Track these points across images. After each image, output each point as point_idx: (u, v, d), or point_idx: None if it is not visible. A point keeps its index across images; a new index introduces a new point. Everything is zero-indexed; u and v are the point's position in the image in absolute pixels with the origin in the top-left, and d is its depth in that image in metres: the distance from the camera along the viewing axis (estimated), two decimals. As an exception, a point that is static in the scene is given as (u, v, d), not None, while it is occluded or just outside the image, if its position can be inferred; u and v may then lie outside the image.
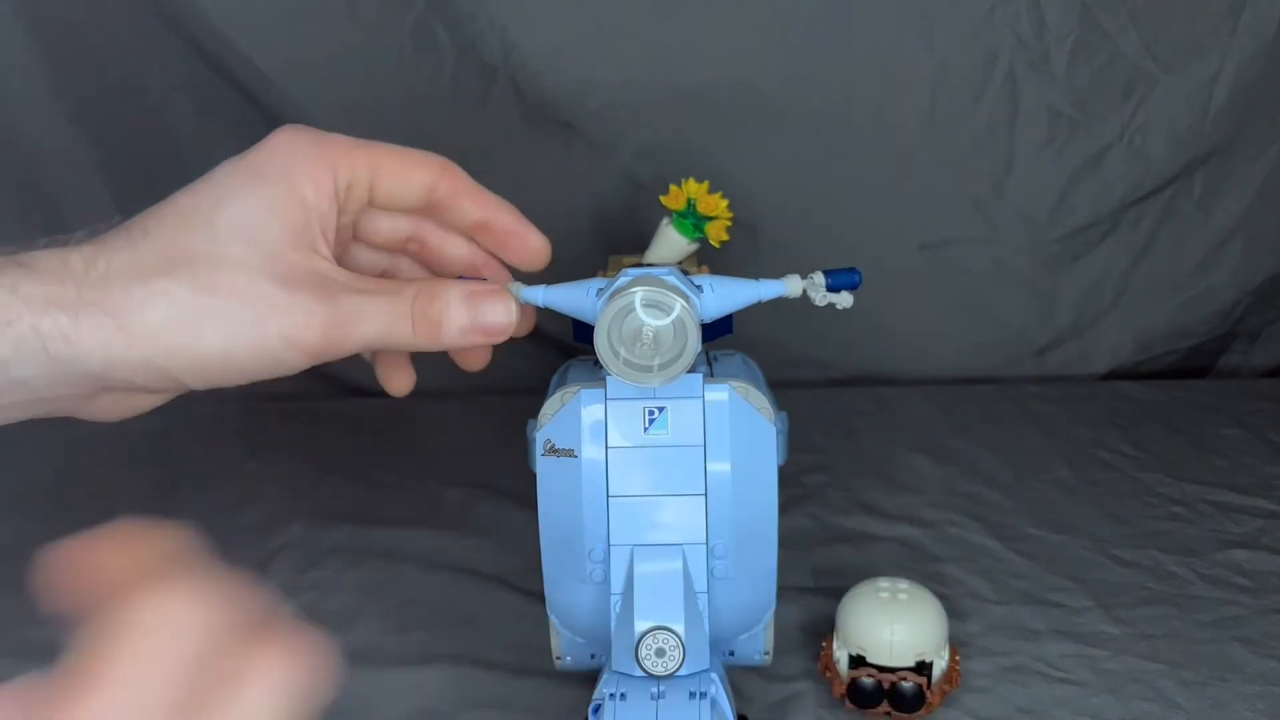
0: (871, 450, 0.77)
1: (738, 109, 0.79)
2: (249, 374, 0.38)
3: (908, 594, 0.50)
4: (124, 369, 0.36)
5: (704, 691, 0.43)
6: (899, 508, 0.69)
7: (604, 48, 0.78)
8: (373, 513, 0.70)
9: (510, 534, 0.67)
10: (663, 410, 0.45)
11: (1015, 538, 0.65)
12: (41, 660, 0.53)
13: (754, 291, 0.45)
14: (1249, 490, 0.70)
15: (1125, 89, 0.80)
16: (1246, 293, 0.87)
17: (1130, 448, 0.76)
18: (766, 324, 0.81)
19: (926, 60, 0.79)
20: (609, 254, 0.54)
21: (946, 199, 0.83)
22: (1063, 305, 0.87)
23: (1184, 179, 0.83)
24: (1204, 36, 0.78)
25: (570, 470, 0.46)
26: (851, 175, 0.82)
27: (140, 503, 0.73)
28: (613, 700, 0.43)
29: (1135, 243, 0.85)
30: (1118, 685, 0.52)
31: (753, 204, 0.80)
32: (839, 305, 0.45)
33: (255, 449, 0.79)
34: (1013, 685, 0.53)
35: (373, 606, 0.60)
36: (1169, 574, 0.62)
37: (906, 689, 0.49)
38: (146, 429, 0.85)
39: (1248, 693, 0.52)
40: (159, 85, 0.79)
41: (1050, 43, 0.78)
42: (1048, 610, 0.58)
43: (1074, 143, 0.81)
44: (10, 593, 0.62)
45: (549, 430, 0.46)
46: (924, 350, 0.88)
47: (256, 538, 0.67)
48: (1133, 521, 0.67)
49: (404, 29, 0.77)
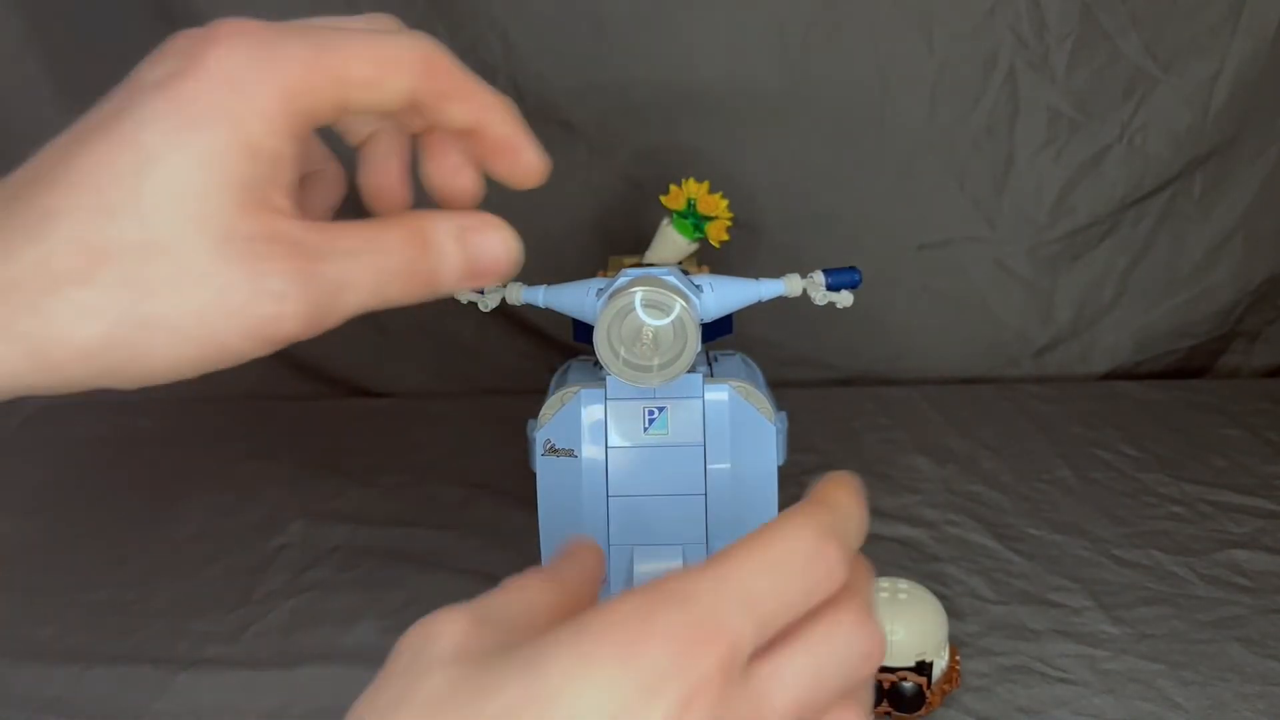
0: (871, 450, 0.77)
1: (738, 109, 0.79)
2: (207, 370, 0.30)
3: (908, 594, 0.50)
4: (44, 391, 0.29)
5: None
6: (899, 508, 0.69)
7: (604, 48, 0.78)
8: (373, 513, 0.70)
9: (510, 534, 0.66)
10: (663, 410, 0.45)
11: (1015, 538, 0.65)
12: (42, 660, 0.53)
13: (754, 291, 0.45)
14: (1249, 490, 0.70)
15: (1125, 89, 0.80)
16: (1246, 293, 0.87)
17: (1130, 448, 0.76)
18: (766, 324, 0.81)
19: (926, 60, 0.79)
20: (609, 254, 0.54)
21: (946, 199, 0.83)
22: (1062, 305, 0.87)
23: (1184, 179, 0.83)
24: (1204, 36, 0.78)
25: (570, 470, 0.46)
26: (851, 175, 0.82)
27: (140, 503, 0.73)
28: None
29: (1135, 243, 0.85)
30: (1118, 685, 0.52)
31: (753, 204, 0.80)
32: (839, 304, 0.45)
33: (255, 449, 0.79)
34: (1013, 685, 0.52)
35: (373, 606, 0.60)
36: (1169, 574, 0.62)
37: (907, 689, 0.49)
38: (147, 429, 0.86)
39: (1248, 693, 0.52)
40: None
41: (1050, 43, 0.78)
42: (1048, 610, 0.58)
43: (1074, 143, 0.81)
44: (10, 593, 0.62)
45: (549, 430, 0.46)
46: (924, 350, 0.88)
47: (256, 538, 0.67)
48: (1132, 521, 0.67)
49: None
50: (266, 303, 0.28)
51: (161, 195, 0.27)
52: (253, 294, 0.28)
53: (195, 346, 0.28)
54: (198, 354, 0.29)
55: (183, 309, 0.28)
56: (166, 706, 0.53)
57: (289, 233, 0.29)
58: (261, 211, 0.29)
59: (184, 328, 0.28)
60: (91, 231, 0.27)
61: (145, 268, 0.27)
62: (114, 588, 0.63)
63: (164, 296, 0.27)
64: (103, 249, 0.27)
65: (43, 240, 0.27)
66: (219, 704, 0.53)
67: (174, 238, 0.27)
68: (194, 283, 0.28)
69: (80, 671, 0.55)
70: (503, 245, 0.32)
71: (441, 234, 0.32)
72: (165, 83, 0.28)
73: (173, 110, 0.28)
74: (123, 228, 0.27)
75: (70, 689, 0.54)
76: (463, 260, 0.32)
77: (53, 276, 0.27)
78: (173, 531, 0.69)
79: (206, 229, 0.28)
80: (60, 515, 0.71)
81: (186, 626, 0.59)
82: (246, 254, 0.28)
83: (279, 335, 0.29)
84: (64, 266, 0.27)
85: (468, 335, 0.87)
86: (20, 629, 0.59)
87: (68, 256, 0.27)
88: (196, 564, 0.65)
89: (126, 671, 0.55)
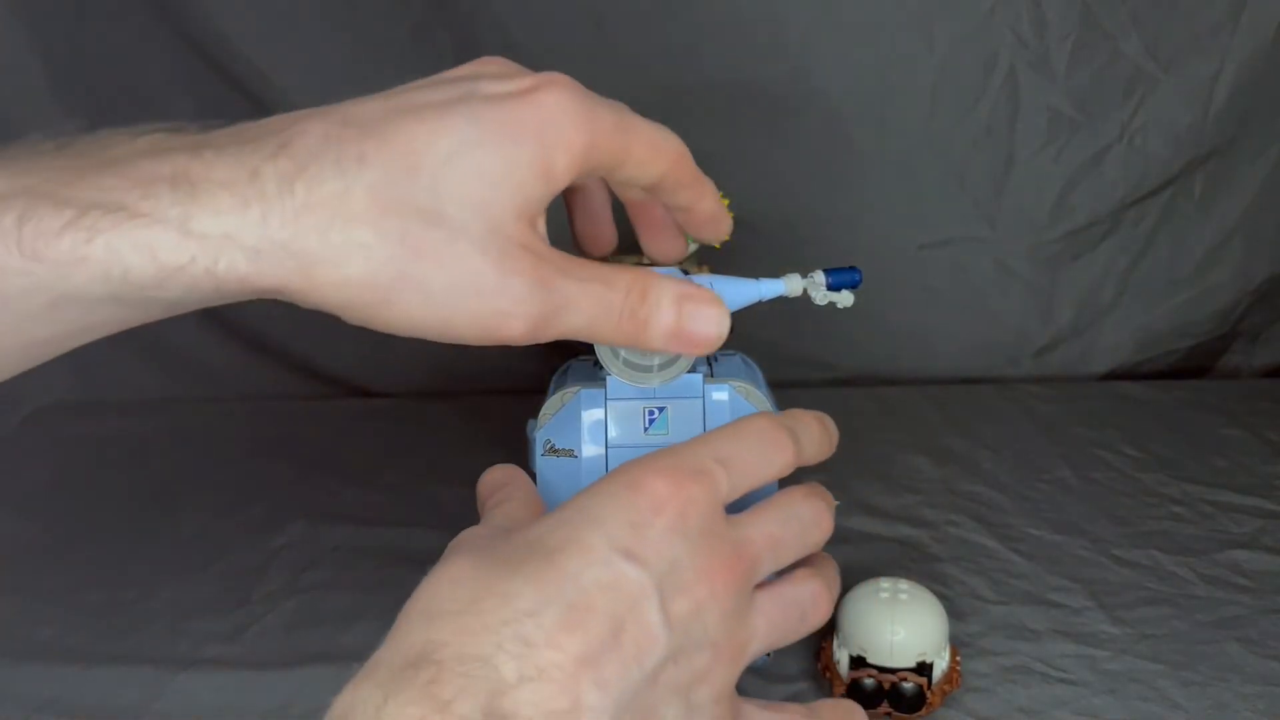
0: (871, 450, 0.77)
1: (738, 109, 0.79)
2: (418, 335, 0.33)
3: (908, 594, 0.50)
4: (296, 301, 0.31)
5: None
6: (899, 508, 0.69)
7: (604, 47, 0.78)
8: (373, 513, 0.70)
9: (510, 534, 0.67)
10: (663, 410, 0.45)
11: (1015, 538, 0.65)
12: (42, 660, 0.53)
13: (754, 291, 0.45)
14: (1249, 490, 0.70)
15: (1125, 89, 0.80)
16: (1246, 293, 0.87)
17: (1130, 448, 0.76)
18: (766, 324, 0.81)
19: (926, 60, 0.79)
20: (609, 254, 0.54)
21: (946, 199, 0.83)
22: (1063, 305, 0.87)
23: (1184, 179, 0.83)
24: (1204, 36, 0.78)
25: (570, 470, 0.46)
26: (851, 175, 0.82)
27: (140, 503, 0.73)
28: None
29: (1135, 243, 0.85)
30: (1118, 685, 0.52)
31: (753, 204, 0.80)
32: (839, 304, 0.45)
33: (255, 449, 0.79)
34: (1013, 685, 0.52)
35: (373, 606, 0.60)
36: (1169, 574, 0.61)
37: (907, 689, 0.49)
38: (147, 429, 0.86)
39: (1248, 693, 0.52)
40: (159, 85, 0.79)
41: (1050, 43, 0.78)
42: (1048, 610, 0.58)
43: (1074, 143, 0.81)
44: (10, 593, 0.62)
45: (549, 430, 0.46)
46: (924, 350, 0.88)
47: (256, 538, 0.67)
48: (1133, 521, 0.67)
49: (404, 29, 0.77)
50: (505, 300, 0.32)
51: (461, 178, 0.31)
52: (498, 287, 0.31)
53: (433, 314, 0.31)
54: (432, 322, 0.32)
55: (438, 277, 0.31)
56: (166, 706, 0.53)
57: (542, 250, 0.33)
58: (530, 226, 0.33)
59: (432, 294, 0.31)
60: (391, 186, 0.30)
61: (423, 231, 0.30)
62: (114, 588, 0.63)
63: (428, 260, 0.30)
64: (395, 203, 0.30)
65: (348, 179, 0.30)
66: (219, 704, 0.53)
67: (456, 216, 0.31)
68: (456, 259, 0.31)
69: (80, 671, 0.55)
70: (714, 322, 0.36)
71: (663, 293, 0.35)
72: (502, 100, 0.32)
73: (501, 121, 0.32)
74: (418, 192, 0.30)
75: (70, 689, 0.54)
76: (675, 322, 0.36)
77: (346, 211, 0.30)
78: (173, 531, 0.69)
79: (485, 219, 0.31)
80: (60, 515, 0.71)
81: (186, 626, 0.59)
82: (506, 252, 0.31)
83: (502, 332, 0.32)
84: (358, 206, 0.30)
85: (468, 335, 0.87)
86: (20, 629, 0.59)
87: (363, 199, 0.30)
88: (196, 564, 0.65)
89: (126, 671, 0.55)
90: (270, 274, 0.29)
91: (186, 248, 0.29)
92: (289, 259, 0.29)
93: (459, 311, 0.31)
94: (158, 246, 0.28)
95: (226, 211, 0.29)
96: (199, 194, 0.29)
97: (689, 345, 0.36)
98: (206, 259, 0.29)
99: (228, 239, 0.29)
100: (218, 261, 0.29)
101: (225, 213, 0.29)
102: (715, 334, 0.36)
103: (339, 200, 0.30)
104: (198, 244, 0.29)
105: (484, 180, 0.31)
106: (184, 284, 0.29)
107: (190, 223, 0.29)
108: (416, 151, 0.31)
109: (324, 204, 0.30)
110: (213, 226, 0.29)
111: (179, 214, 0.29)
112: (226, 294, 0.30)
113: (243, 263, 0.29)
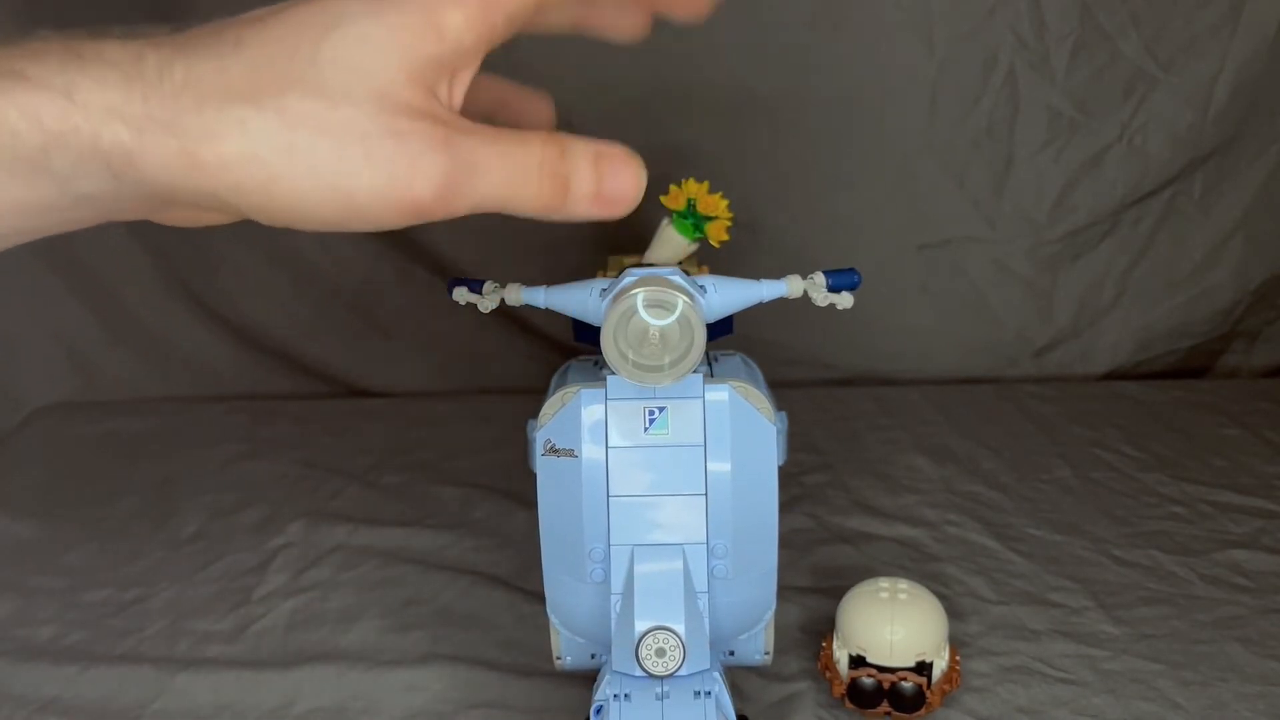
0: (871, 450, 0.77)
1: (738, 109, 0.79)
2: (329, 225, 0.32)
3: (908, 594, 0.50)
4: (187, 196, 0.31)
5: (708, 690, 0.43)
6: (899, 508, 0.69)
7: (604, 48, 0.77)
8: (373, 513, 0.70)
9: (510, 534, 0.67)
10: (663, 410, 0.45)
11: (1015, 538, 0.65)
12: (42, 660, 0.53)
13: (755, 292, 0.45)
14: (1249, 490, 0.70)
15: (1125, 89, 0.80)
16: (1246, 293, 0.87)
17: (1130, 448, 0.76)
18: (766, 324, 0.81)
19: (926, 61, 0.79)
20: (609, 254, 0.54)
21: (946, 199, 0.83)
22: (1062, 305, 0.87)
23: (1184, 179, 0.83)
24: (1204, 36, 0.78)
25: (570, 470, 0.46)
26: (851, 175, 0.82)
27: (140, 503, 0.73)
28: (617, 701, 0.43)
29: (1135, 243, 0.85)
30: (1118, 685, 0.52)
31: (753, 204, 0.80)
32: (839, 305, 0.45)
33: (255, 449, 0.79)
34: (1013, 685, 0.53)
35: (373, 606, 0.60)
36: (1169, 574, 0.62)
37: (906, 689, 0.49)
38: (147, 429, 0.86)
39: (1248, 693, 0.52)
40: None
41: (1050, 43, 0.78)
42: (1048, 610, 0.58)
43: (1074, 143, 0.81)
44: (10, 593, 0.62)
45: (549, 430, 0.46)
46: (924, 350, 0.89)
47: (256, 538, 0.67)
48: (1133, 521, 0.67)
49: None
50: (401, 164, 0.30)
51: (341, 48, 0.30)
52: (391, 152, 0.30)
53: (327, 189, 0.30)
54: (329, 199, 0.30)
55: (322, 145, 0.30)
56: (166, 706, 0.53)
57: (442, 114, 0.31)
58: (428, 91, 0.31)
59: (320, 165, 0.30)
60: (267, 63, 0.30)
61: (303, 102, 0.30)
62: (114, 588, 0.63)
63: (310, 130, 0.30)
64: (272, 78, 0.30)
65: (223, 59, 0.30)
66: (219, 704, 0.53)
67: (338, 85, 0.30)
68: (340, 125, 0.30)
69: (80, 671, 0.55)
70: (634, 178, 0.33)
71: (579, 149, 0.33)
72: None
73: None
74: (296, 67, 0.30)
75: (70, 689, 0.54)
76: (595, 180, 0.33)
77: (222, 89, 0.29)
78: (173, 531, 0.69)
79: (369, 84, 0.30)
80: (60, 515, 0.71)
81: (186, 626, 0.59)
82: (398, 115, 0.30)
83: (409, 200, 0.31)
84: (234, 84, 0.29)
85: (468, 335, 0.87)
86: (20, 629, 0.59)
87: (240, 76, 0.30)
88: (196, 564, 0.65)
89: (126, 671, 0.55)
90: (154, 154, 0.29)
91: (70, 115, 0.29)
92: (171, 139, 0.29)
93: (355, 183, 0.30)
94: (42, 111, 0.29)
95: (111, 86, 0.29)
96: (87, 66, 0.29)
97: (608, 206, 0.34)
98: (89, 129, 0.29)
99: (111, 112, 0.29)
100: (101, 134, 0.29)
101: (110, 87, 0.29)
102: (636, 189, 0.34)
103: (216, 81, 0.30)
104: (81, 113, 0.29)
105: (366, 46, 0.30)
106: (71, 158, 0.29)
107: (75, 92, 0.29)
108: (294, 29, 0.30)
109: (200, 84, 0.30)
110: (97, 98, 0.29)
111: (64, 82, 0.29)
112: (119, 176, 0.30)
113: (126, 138, 0.29)
